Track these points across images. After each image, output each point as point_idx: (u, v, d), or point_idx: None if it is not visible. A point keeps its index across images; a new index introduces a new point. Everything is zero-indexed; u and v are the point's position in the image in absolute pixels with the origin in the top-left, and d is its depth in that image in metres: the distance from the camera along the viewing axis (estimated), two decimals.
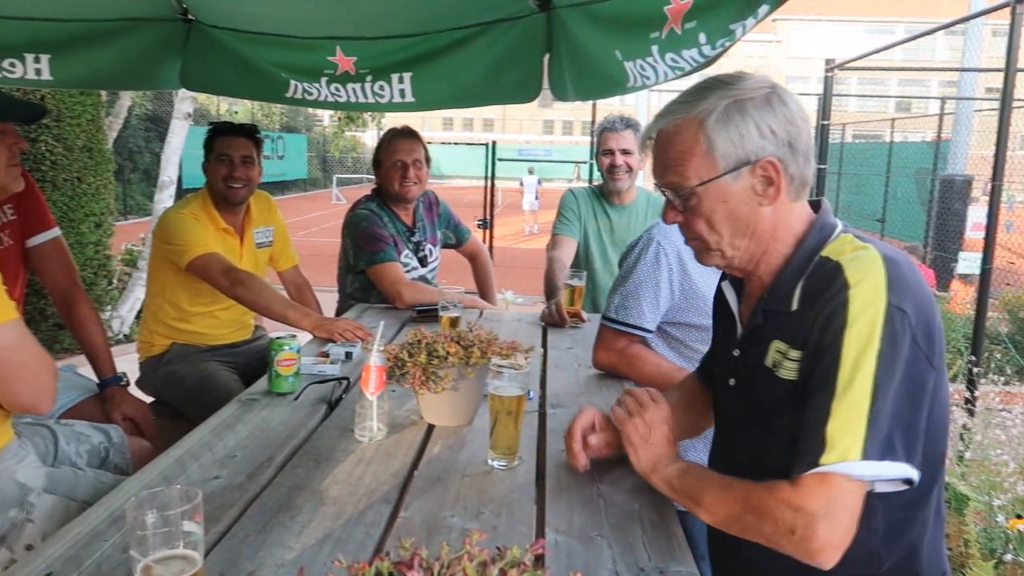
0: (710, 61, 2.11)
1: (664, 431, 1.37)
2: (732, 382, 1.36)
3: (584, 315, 2.73)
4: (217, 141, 2.75)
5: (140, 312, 5.95)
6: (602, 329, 2.07)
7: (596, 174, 3.62)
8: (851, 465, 1.07)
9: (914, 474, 1.11)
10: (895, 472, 1.10)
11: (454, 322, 2.33)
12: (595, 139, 3.20)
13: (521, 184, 20.04)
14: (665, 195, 1.28)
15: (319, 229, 17.30)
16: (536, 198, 19.17)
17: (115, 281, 6.09)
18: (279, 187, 24.85)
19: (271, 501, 1.32)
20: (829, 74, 6.40)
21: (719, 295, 1.46)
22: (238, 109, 21.63)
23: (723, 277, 1.45)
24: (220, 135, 2.76)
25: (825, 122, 6.63)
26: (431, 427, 1.70)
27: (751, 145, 1.21)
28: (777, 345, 1.23)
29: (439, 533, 1.22)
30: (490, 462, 1.49)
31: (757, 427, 1.28)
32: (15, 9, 2.94)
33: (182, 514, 0.92)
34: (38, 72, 3.06)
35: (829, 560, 1.09)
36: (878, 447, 1.08)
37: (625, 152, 3.09)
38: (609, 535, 1.23)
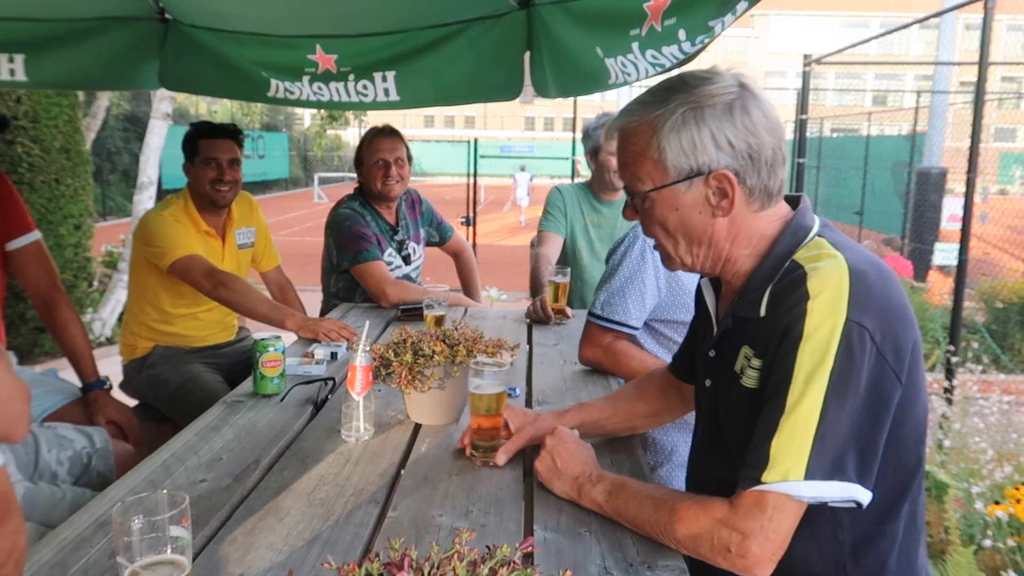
0: (690, 57, 2.13)
1: (570, 452, 1.38)
2: (708, 383, 1.34)
3: (569, 311, 2.74)
4: (202, 143, 2.71)
5: (122, 314, 5.90)
6: (588, 325, 2.08)
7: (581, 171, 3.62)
8: (792, 485, 1.07)
9: (864, 496, 1.09)
10: (841, 493, 1.07)
11: (439, 320, 2.34)
12: (588, 136, 3.18)
13: (514, 180, 20.60)
14: (626, 192, 1.28)
15: (301, 228, 17.20)
16: (527, 194, 19.78)
17: (96, 283, 6.03)
18: (260, 187, 24.67)
19: (258, 504, 1.31)
20: (807, 68, 6.46)
21: (698, 294, 1.45)
22: (217, 108, 21.45)
23: (701, 276, 1.42)
24: (204, 137, 2.73)
25: (804, 116, 6.69)
26: (418, 426, 1.70)
27: (704, 156, 1.17)
28: (745, 351, 1.21)
29: (428, 533, 1.23)
30: (474, 458, 1.50)
31: (729, 428, 1.28)
32: None
33: (169, 519, 0.92)
34: (12, 73, 3.01)
35: (764, 573, 1.10)
36: (825, 467, 1.06)
37: None
38: (597, 531, 1.24)
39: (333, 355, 2.18)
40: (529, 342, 2.48)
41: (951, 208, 8.37)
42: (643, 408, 1.63)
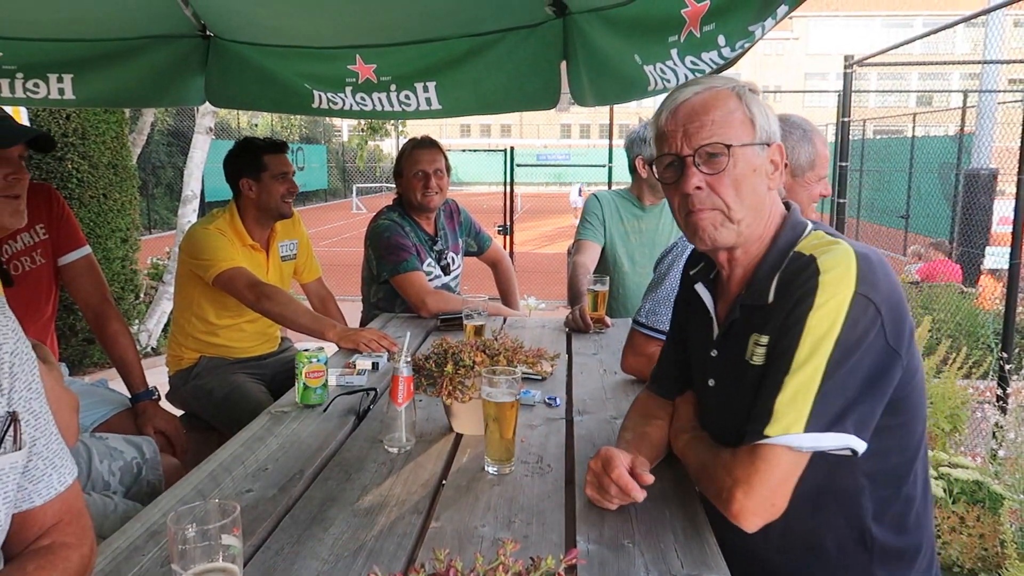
0: (730, 63, 2.11)
1: (620, 463, 1.33)
2: (712, 383, 1.40)
3: (608, 320, 2.72)
4: (269, 159, 2.78)
5: (167, 326, 6.03)
6: (632, 333, 2.07)
7: (617, 177, 3.60)
8: (793, 438, 1.16)
9: (859, 446, 1.18)
10: (837, 443, 1.17)
11: (479, 330, 2.34)
12: (635, 143, 3.16)
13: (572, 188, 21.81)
14: (690, 162, 1.29)
15: (340, 239, 17.41)
16: (579, 195, 21.15)
17: (142, 295, 6.17)
18: (300, 198, 24.93)
19: (304, 514, 1.33)
20: (849, 70, 6.35)
21: (694, 298, 1.47)
22: (258, 122, 21.85)
23: (696, 280, 1.47)
24: (270, 152, 2.80)
25: (846, 119, 6.58)
26: (459, 436, 1.70)
27: (773, 126, 1.32)
28: (756, 338, 1.28)
29: (471, 543, 1.23)
30: (486, 468, 1.50)
31: (739, 423, 1.29)
32: (37, 31, 3.01)
33: (221, 528, 0.93)
34: (61, 92, 3.12)
35: (748, 525, 1.19)
36: (824, 420, 1.15)
37: None
38: (640, 542, 1.23)
39: (375, 365, 2.20)
40: (568, 351, 2.47)
41: (1002, 210, 8.15)
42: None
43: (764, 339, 1.26)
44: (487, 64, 2.91)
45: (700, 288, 1.45)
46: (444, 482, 1.46)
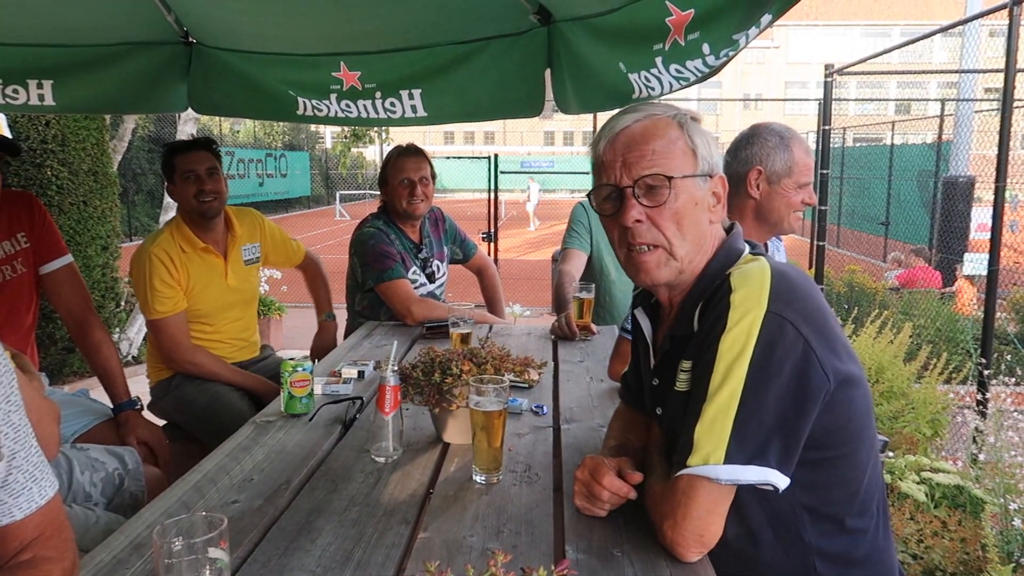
0: (715, 70, 2.13)
1: (609, 470, 1.32)
2: (659, 411, 1.36)
3: (594, 327, 2.73)
4: (178, 160, 2.69)
5: (148, 335, 5.97)
6: (619, 341, 2.08)
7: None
8: (712, 468, 1.12)
9: (780, 482, 1.13)
10: (758, 477, 1.12)
11: (465, 338, 2.34)
12: None
13: (527, 191, 21.89)
14: (629, 193, 1.24)
15: (324, 246, 17.32)
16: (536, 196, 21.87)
17: (123, 303, 6.10)
18: (283, 205, 24.89)
19: (290, 524, 1.32)
20: (829, 79, 6.42)
21: (634, 323, 1.46)
22: (240, 128, 21.74)
23: (634, 304, 1.45)
24: (178, 153, 2.72)
25: (826, 127, 6.65)
26: (446, 445, 1.70)
27: (715, 156, 1.28)
28: (683, 366, 1.24)
29: (460, 554, 1.22)
30: (474, 477, 1.49)
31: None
32: (16, 36, 2.97)
33: (208, 541, 0.92)
34: (41, 98, 3.08)
35: (682, 556, 1.17)
36: (744, 451, 1.11)
37: None
38: (630, 552, 1.23)
39: (360, 374, 2.19)
40: (555, 359, 2.47)
41: (980, 217, 8.26)
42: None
43: (687, 364, 1.23)
44: (472, 72, 2.91)
45: (639, 313, 1.42)
46: (432, 492, 1.45)
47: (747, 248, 1.32)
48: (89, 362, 2.39)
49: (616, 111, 1.35)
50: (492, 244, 9.19)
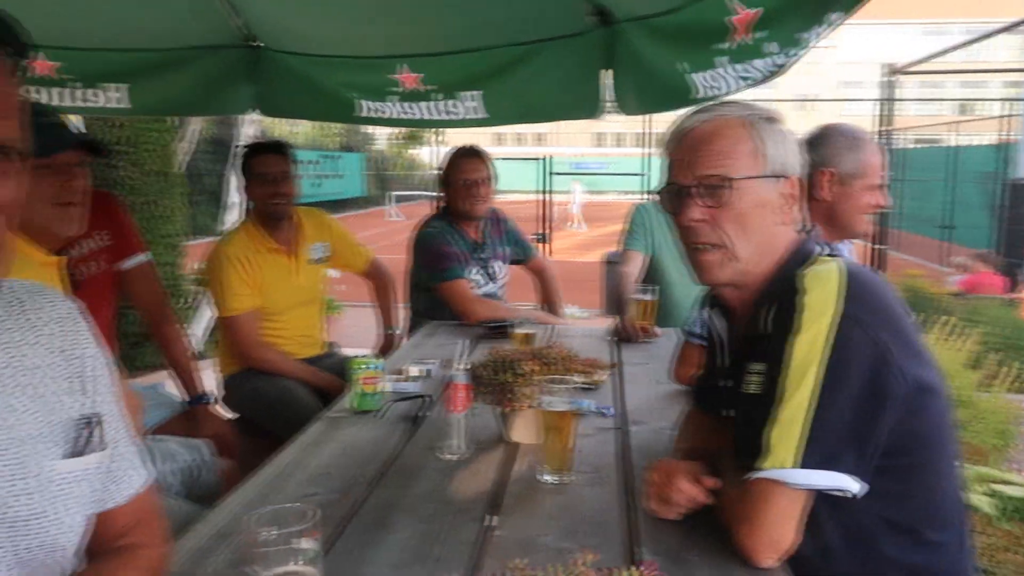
0: (782, 69, 2.10)
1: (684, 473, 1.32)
2: (730, 414, 1.35)
3: (656, 330, 2.71)
4: (253, 162, 2.78)
5: (213, 330, 6.12)
6: (684, 344, 2.06)
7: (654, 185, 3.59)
8: (785, 472, 1.11)
9: (854, 487, 1.12)
10: (831, 482, 1.11)
11: (528, 339, 2.35)
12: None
13: (571, 192, 21.85)
14: (692, 192, 1.25)
15: (377, 247, 17.49)
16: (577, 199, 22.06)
17: (188, 300, 6.28)
18: (338, 205, 25.22)
19: (367, 518, 1.34)
20: (890, 79, 6.27)
21: (707, 324, 1.45)
22: (298, 129, 22.16)
23: (709, 305, 1.44)
24: (254, 155, 2.80)
25: (886, 128, 6.49)
26: (513, 444, 1.71)
27: (789, 158, 1.25)
28: (754, 368, 1.23)
29: (535, 552, 1.22)
30: (542, 476, 1.50)
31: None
32: (95, 42, 3.09)
33: (299, 531, 0.95)
34: (118, 100, 3.21)
35: (758, 563, 1.14)
36: (817, 456, 1.10)
37: None
38: (704, 556, 1.22)
39: (427, 372, 2.22)
40: (617, 361, 2.46)
41: None
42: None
43: (758, 367, 1.21)
44: (531, 73, 2.93)
45: (714, 314, 1.42)
46: (502, 491, 1.47)
47: (817, 248, 1.30)
48: (164, 356, 2.47)
49: (690, 110, 1.35)
50: (545, 246, 9.21)
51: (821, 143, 1.99)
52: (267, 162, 2.76)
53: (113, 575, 0.97)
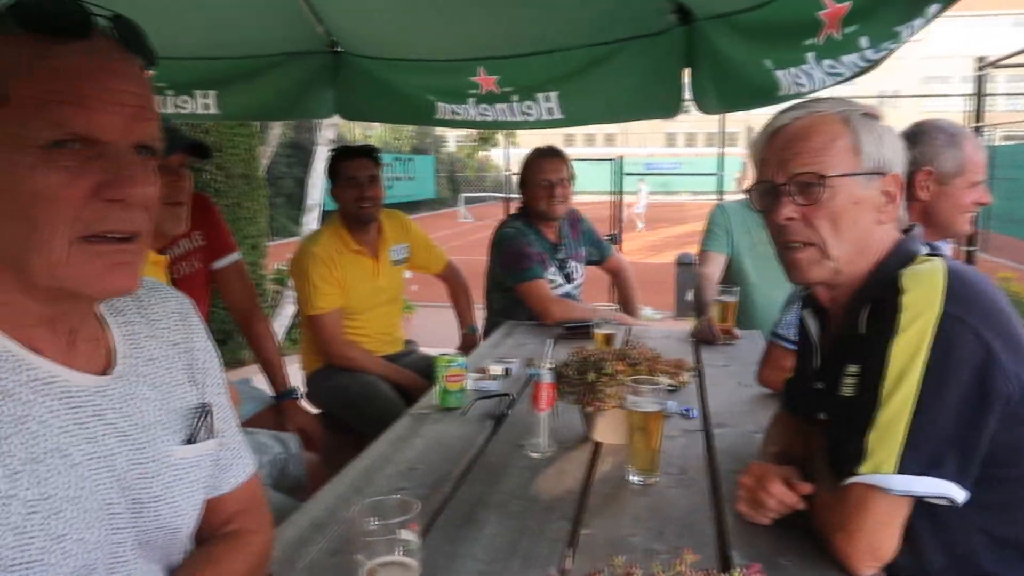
0: (873, 65, 2.04)
1: (776, 477, 1.29)
2: (823, 416, 1.32)
3: (737, 332, 2.67)
4: (342, 165, 2.85)
5: (290, 328, 6.31)
6: (770, 346, 2.02)
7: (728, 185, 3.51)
8: (884, 478, 1.07)
9: (959, 495, 1.07)
10: (933, 489, 1.07)
11: (609, 339, 2.34)
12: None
13: (637, 193, 21.77)
14: (785, 191, 1.22)
15: (448, 247, 17.73)
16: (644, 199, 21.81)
17: (269, 299, 6.49)
18: (409, 207, 25.62)
19: (456, 513, 1.36)
20: (981, 72, 6.01)
21: (801, 324, 1.42)
22: (372, 133, 22.61)
23: (803, 305, 1.41)
24: (343, 159, 2.87)
25: (978, 124, 6.22)
26: (597, 444, 1.71)
27: (888, 154, 1.21)
28: (850, 370, 1.20)
29: (624, 552, 1.21)
30: (628, 476, 1.49)
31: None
32: (185, 50, 3.23)
33: (400, 523, 0.97)
34: (206, 107, 3.34)
35: (857, 569, 1.11)
36: (919, 461, 1.06)
37: None
38: (797, 561, 1.19)
39: (507, 371, 2.23)
40: (698, 363, 2.43)
41: None
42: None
43: (854, 369, 1.18)
44: (609, 73, 2.92)
45: (807, 315, 1.39)
46: (589, 489, 1.47)
47: (924, 248, 1.26)
48: (253, 351, 2.56)
49: (783, 107, 1.33)
50: (616, 247, 9.16)
51: (917, 141, 1.92)
52: (356, 166, 2.83)
53: (223, 558, 1.01)
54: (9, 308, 0.81)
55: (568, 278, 3.18)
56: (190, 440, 0.97)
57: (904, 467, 1.07)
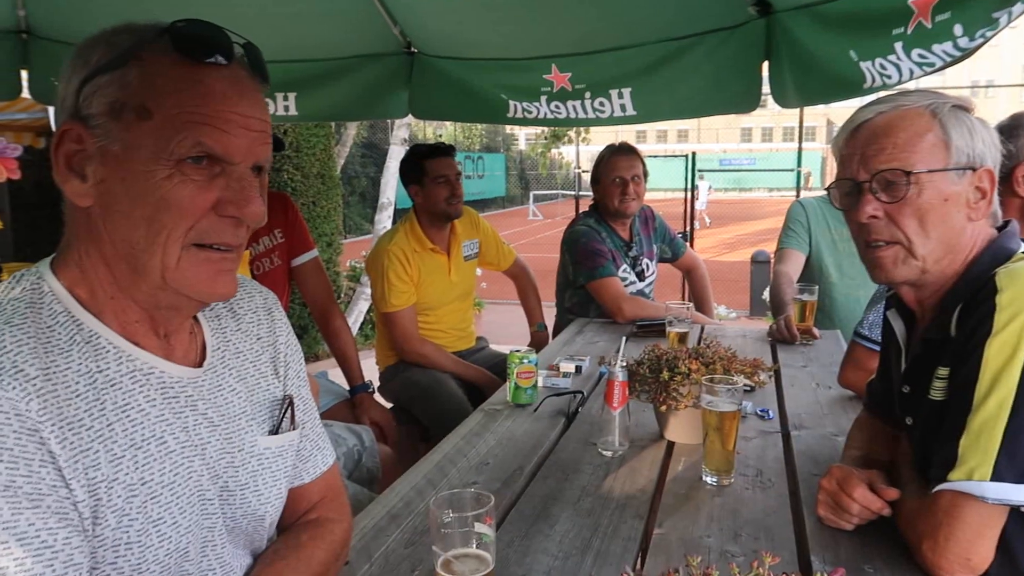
0: (967, 54, 1.96)
1: (859, 482, 1.25)
2: (909, 421, 1.26)
3: (816, 331, 2.59)
4: (429, 164, 2.88)
5: (363, 324, 6.44)
6: (853, 346, 1.96)
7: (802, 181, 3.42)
8: (978, 485, 1.03)
9: None
10: None
11: (682, 337, 2.31)
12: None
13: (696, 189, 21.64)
14: (868, 188, 1.17)
15: (517, 245, 17.80)
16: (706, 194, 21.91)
17: (342, 295, 6.64)
18: (480, 204, 25.90)
19: (528, 509, 1.37)
20: None
21: (886, 325, 1.36)
22: (442, 132, 22.92)
23: (888, 306, 1.35)
24: (430, 157, 2.90)
25: None
26: (670, 443, 1.69)
27: (980, 148, 1.16)
28: (939, 372, 1.14)
29: (698, 553, 1.20)
30: (703, 477, 1.47)
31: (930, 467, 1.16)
32: (269, 54, 3.32)
33: (476, 516, 0.98)
34: (286, 109, 3.42)
35: None
36: (1016, 468, 1.02)
37: None
38: (883, 569, 1.15)
39: (578, 369, 2.23)
40: (775, 363, 2.37)
41: None
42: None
43: (944, 371, 1.13)
44: (684, 68, 2.87)
45: (892, 315, 1.33)
46: (662, 488, 1.45)
47: (1021, 247, 1.19)
48: (329, 346, 2.63)
49: (867, 100, 1.28)
50: (689, 244, 9.03)
51: (1014, 134, 1.83)
52: (446, 164, 2.89)
53: (306, 546, 1.04)
54: (116, 302, 0.86)
55: (640, 276, 3.15)
56: (274, 431, 1.01)
57: (999, 474, 1.02)
